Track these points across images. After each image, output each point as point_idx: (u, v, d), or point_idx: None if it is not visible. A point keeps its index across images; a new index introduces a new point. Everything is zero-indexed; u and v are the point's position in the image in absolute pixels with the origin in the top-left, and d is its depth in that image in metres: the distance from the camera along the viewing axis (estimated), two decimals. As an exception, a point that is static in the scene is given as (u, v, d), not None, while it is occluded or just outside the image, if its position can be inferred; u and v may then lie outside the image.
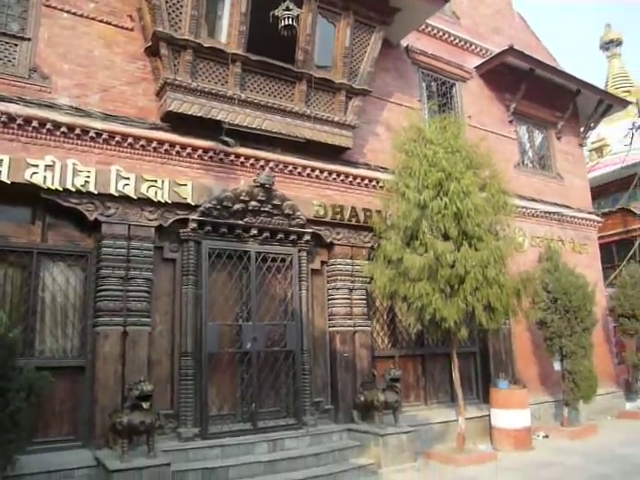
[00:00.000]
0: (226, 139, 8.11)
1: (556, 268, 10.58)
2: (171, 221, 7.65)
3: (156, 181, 7.51)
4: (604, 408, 11.96)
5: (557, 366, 10.80)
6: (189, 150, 7.94)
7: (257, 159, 8.49)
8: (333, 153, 9.21)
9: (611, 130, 19.92)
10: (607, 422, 11.57)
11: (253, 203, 8.15)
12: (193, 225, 7.75)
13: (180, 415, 7.36)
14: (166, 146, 7.75)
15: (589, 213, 14.07)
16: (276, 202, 8.35)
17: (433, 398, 9.98)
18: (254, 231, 8.23)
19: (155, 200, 7.45)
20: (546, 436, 10.10)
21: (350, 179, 9.41)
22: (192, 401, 7.43)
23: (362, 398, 8.41)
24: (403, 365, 9.50)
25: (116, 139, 7.39)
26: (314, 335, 8.75)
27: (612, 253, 18.07)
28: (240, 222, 8.11)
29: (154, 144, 7.67)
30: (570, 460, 8.34)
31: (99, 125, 7.27)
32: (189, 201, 7.71)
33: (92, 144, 7.26)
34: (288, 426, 8.02)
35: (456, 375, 8.82)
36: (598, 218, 14.41)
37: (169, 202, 7.55)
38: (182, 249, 7.83)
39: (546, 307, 10.24)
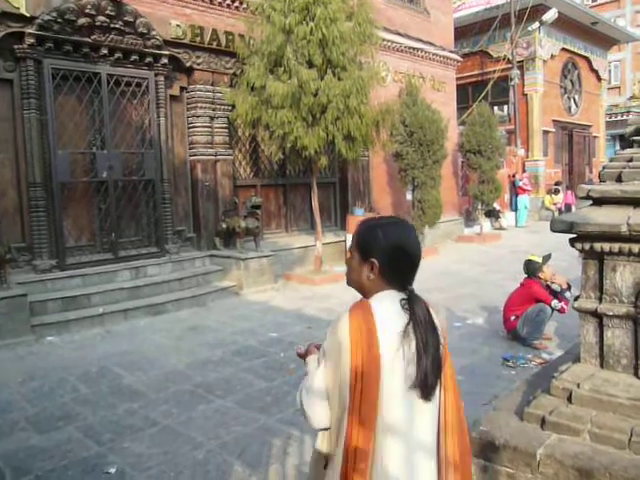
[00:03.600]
0: (62, -63, 7.00)
1: (414, 103, 10.92)
2: (2, 35, 6.71)
3: (-23, -16, 6.43)
4: (446, 233, 13.35)
5: (409, 195, 11.66)
6: (17, -53, 6.78)
7: (102, -35, 7.49)
8: (191, -35, 8.36)
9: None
10: (447, 245, 12.98)
11: (101, 18, 7.32)
12: (30, 40, 6.86)
13: (34, 247, 7.11)
14: (-14, -62, 6.54)
15: (451, 52, 14.38)
16: (128, 18, 7.56)
17: (294, 225, 10.47)
18: (104, 51, 7.50)
19: (-21, 8, 6.43)
20: (394, 257, 11.09)
21: (211, -3, 8.69)
22: (46, 233, 7.16)
23: (224, 225, 8.61)
24: (265, 194, 9.76)
25: None
26: (174, 164, 8.57)
27: (468, 94, 18.97)
28: (87, 39, 7.32)
29: None
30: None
31: None
32: (23, 11, 6.76)
33: None
34: (150, 254, 8.09)
35: (315, 204, 9.23)
36: (458, 57, 14.81)
37: (-3, 12, 6.57)
38: (20, 68, 7.00)
39: (403, 140, 10.73)
